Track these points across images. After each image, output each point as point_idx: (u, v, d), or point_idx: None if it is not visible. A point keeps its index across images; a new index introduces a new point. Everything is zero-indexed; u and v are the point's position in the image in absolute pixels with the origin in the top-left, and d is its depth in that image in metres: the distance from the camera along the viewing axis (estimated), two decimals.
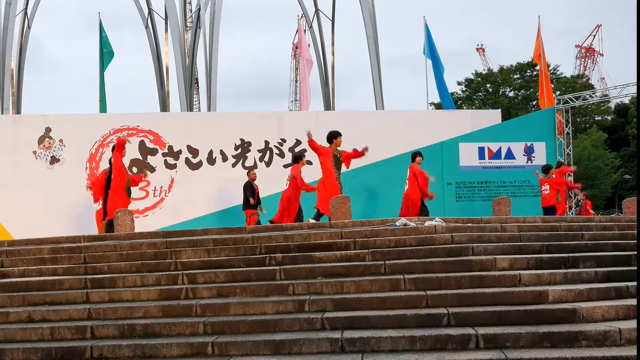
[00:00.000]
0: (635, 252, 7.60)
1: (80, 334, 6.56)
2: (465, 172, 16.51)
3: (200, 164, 16.30)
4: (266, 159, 16.42)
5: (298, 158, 13.35)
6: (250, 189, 14.29)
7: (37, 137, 15.83)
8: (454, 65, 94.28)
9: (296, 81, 60.57)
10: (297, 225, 9.69)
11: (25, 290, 7.82)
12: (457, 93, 47.00)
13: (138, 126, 16.17)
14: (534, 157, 16.44)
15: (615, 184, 41.97)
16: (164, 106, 21.54)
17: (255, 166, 16.01)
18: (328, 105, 22.24)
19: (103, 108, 20.19)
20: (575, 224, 9.41)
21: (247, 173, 14.79)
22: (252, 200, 14.14)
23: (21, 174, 15.56)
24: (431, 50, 19.05)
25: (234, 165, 16.34)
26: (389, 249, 7.90)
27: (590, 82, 52.87)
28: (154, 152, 16.08)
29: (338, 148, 12.41)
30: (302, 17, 23.66)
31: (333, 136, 12.42)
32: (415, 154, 13.76)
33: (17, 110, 19.54)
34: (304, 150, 14.56)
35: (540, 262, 7.29)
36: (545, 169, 14.64)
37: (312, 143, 12.26)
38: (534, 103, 43.51)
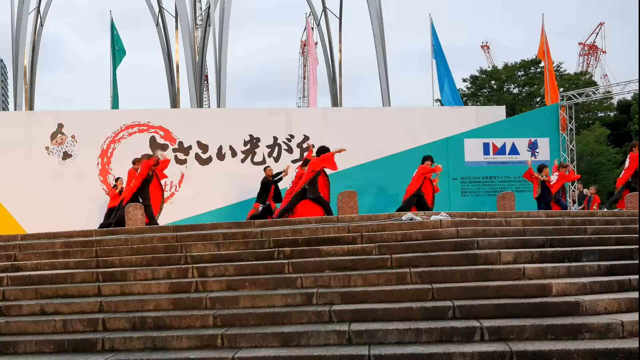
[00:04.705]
0: (638, 246, 7.65)
1: (92, 326, 6.70)
2: (471, 168, 16.58)
3: (210, 159, 16.45)
4: (275, 154, 16.55)
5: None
6: (265, 185, 14.40)
7: (49, 133, 16.03)
8: (460, 62, 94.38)
9: (304, 78, 60.58)
10: (305, 219, 9.76)
11: (38, 283, 7.98)
12: (462, 90, 46.86)
13: (149, 122, 16.35)
14: (537, 152, 16.50)
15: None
16: (175, 103, 21.68)
17: (264, 162, 16.15)
18: (335, 101, 22.34)
19: (115, 105, 20.35)
20: (579, 219, 9.44)
21: (264, 169, 14.86)
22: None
23: (34, 169, 15.77)
24: (436, 48, 19.08)
25: (243, 160, 16.49)
26: (396, 242, 7.98)
27: (593, 79, 52.55)
28: (164, 147, 16.18)
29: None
30: (310, 15, 23.74)
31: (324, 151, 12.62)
32: (425, 158, 13.73)
33: (30, 106, 19.72)
34: None
35: (544, 256, 7.36)
36: (539, 168, 14.64)
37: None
38: (537, 99, 43.36)
